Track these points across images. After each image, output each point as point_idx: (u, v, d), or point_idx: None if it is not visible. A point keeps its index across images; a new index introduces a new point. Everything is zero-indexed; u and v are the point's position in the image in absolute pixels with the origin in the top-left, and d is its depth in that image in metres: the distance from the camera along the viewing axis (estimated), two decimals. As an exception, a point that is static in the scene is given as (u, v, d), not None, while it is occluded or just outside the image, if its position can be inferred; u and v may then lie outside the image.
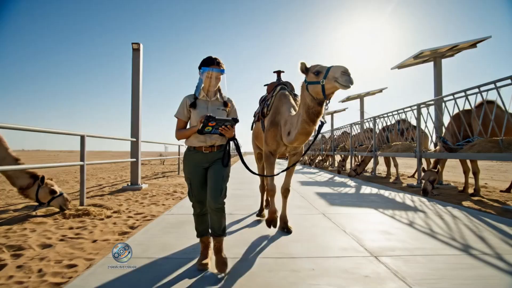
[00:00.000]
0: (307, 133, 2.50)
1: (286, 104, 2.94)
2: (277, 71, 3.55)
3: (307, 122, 2.41)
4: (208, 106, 2.15)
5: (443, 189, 6.68)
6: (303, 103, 2.43)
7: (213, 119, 1.91)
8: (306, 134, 2.52)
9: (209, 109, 2.13)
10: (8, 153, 3.61)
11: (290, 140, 2.66)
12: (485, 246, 2.60)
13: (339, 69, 2.13)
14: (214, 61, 2.09)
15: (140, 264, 2.18)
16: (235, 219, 3.60)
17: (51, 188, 3.73)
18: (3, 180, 5.80)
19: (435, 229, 3.17)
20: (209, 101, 2.17)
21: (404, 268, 2.10)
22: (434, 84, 7.16)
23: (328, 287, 1.84)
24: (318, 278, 1.96)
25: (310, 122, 2.40)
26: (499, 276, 2.01)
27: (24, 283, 1.97)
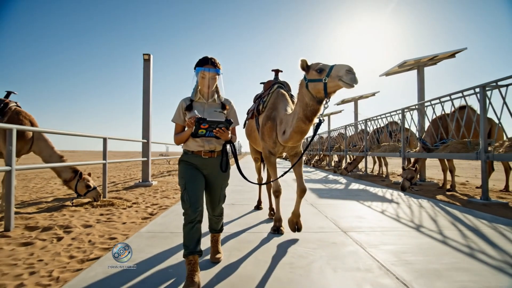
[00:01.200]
0: (302, 131, 2.43)
1: (283, 102, 2.90)
2: (275, 70, 3.49)
3: (303, 120, 2.36)
4: (204, 108, 2.05)
5: (425, 185, 7.37)
6: (301, 101, 2.37)
7: (205, 121, 1.79)
8: (301, 133, 2.45)
9: (206, 112, 2.02)
10: (54, 151, 4.33)
11: (285, 139, 2.61)
12: (434, 226, 3.29)
13: (343, 67, 2.06)
14: (209, 60, 1.97)
15: (163, 236, 2.88)
16: (236, 209, 4.31)
17: (87, 182, 4.44)
18: (30, 177, 6.52)
19: (401, 215, 3.87)
20: (205, 103, 2.06)
21: (364, 239, 2.80)
22: (418, 90, 7.86)
23: (305, 249, 2.53)
24: (300, 244, 2.67)
25: (306, 121, 2.35)
26: (432, 243, 2.70)
27: (81, 248, 2.67)
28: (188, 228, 1.85)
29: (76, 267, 2.24)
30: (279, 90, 3.06)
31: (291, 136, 2.51)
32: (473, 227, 3.25)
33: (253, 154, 3.97)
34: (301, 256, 2.36)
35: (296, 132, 2.46)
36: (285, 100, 2.93)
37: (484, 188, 4.84)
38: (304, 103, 2.33)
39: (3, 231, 3.14)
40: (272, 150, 2.91)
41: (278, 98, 2.96)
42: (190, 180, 1.92)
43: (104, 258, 2.31)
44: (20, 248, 2.66)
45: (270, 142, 2.87)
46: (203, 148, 1.99)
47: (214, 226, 2.25)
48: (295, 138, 2.52)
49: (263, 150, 3.04)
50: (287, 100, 2.95)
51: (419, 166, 6.43)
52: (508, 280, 1.96)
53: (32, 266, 2.26)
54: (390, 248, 2.54)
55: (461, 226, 3.28)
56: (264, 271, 2.08)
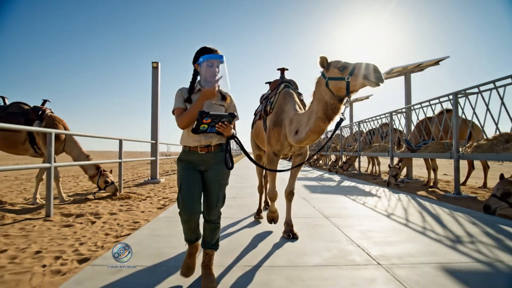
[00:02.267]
0: (320, 131, 2.35)
1: (291, 102, 2.82)
2: (281, 69, 3.40)
3: (322, 119, 2.26)
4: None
5: (412, 183, 8.01)
6: (320, 99, 2.27)
7: (208, 115, 1.69)
8: (319, 133, 2.36)
9: (205, 104, 1.90)
10: (82, 151, 5.00)
11: (299, 139, 2.50)
12: (402, 214, 3.93)
13: (369, 66, 2.01)
14: (213, 49, 1.89)
15: (177, 220, 3.52)
16: (239, 199, 4.96)
17: (106, 178, 5.10)
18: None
19: (378, 206, 4.51)
20: None
21: (341, 223, 3.44)
22: (405, 95, 8.49)
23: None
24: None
25: (326, 120, 2.26)
26: (395, 225, 3.34)
27: (113, 228, 3.33)
28: (185, 227, 1.92)
29: (113, 241, 2.89)
30: (286, 89, 2.97)
31: (307, 136, 2.40)
32: (435, 214, 3.89)
33: (255, 151, 3.85)
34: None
35: (313, 132, 2.35)
36: (292, 100, 2.84)
37: (456, 183, 5.48)
38: (323, 101, 2.24)
39: (45, 217, 3.80)
40: (277, 152, 2.87)
41: (286, 98, 2.88)
42: (185, 181, 1.85)
43: (133, 235, 2.97)
44: (64, 229, 3.32)
45: (276, 146, 2.82)
46: (199, 143, 1.87)
47: (207, 238, 1.92)
48: (311, 138, 2.43)
49: (267, 151, 2.96)
50: (295, 99, 2.87)
51: (403, 165, 7.07)
52: (443, 247, 2.60)
53: (79, 240, 2.91)
54: (360, 228, 3.18)
55: (425, 214, 3.92)
56: (259, 241, 2.73)
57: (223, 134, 1.86)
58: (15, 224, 3.50)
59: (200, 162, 1.90)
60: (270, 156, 2.91)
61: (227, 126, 1.80)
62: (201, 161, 1.90)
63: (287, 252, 2.48)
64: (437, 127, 6.64)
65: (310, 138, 2.43)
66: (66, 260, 2.39)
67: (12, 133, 4.62)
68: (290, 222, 2.90)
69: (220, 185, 1.90)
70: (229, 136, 1.89)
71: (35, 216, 3.91)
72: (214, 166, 1.91)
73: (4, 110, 4.76)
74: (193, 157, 1.90)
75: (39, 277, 2.07)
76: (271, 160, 2.90)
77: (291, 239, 2.80)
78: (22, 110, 4.81)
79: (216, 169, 1.90)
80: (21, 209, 4.35)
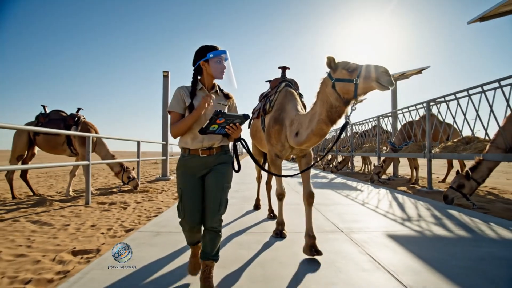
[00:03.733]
0: (322, 134, 2.24)
1: (292, 101, 2.70)
2: (282, 67, 3.33)
3: (325, 122, 2.15)
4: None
5: (397, 180, 8.86)
6: (324, 101, 2.15)
7: (224, 115, 1.59)
8: (321, 136, 2.26)
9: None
10: (109, 151, 5.90)
11: (299, 142, 2.40)
12: (375, 203, 4.80)
13: (379, 68, 1.91)
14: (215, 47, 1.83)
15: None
16: (241, 191, 5.84)
17: (129, 174, 6.01)
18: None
19: (358, 197, 5.38)
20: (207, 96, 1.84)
21: (323, 208, 4.31)
22: (392, 100, 9.35)
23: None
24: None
25: (329, 123, 2.15)
26: (364, 210, 4.22)
27: (142, 212, 4.21)
28: (187, 234, 1.88)
29: (145, 220, 3.77)
30: (288, 88, 2.86)
31: (308, 138, 2.30)
32: (401, 203, 4.76)
33: (253, 151, 3.82)
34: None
35: (315, 135, 2.25)
36: (294, 100, 2.73)
37: (429, 179, 6.34)
38: (328, 104, 2.12)
39: (85, 204, 4.70)
40: (279, 153, 2.71)
41: (287, 97, 2.76)
42: (186, 193, 1.77)
43: (161, 215, 3.85)
44: (104, 212, 4.22)
45: (277, 146, 2.68)
46: (201, 145, 1.78)
47: (207, 248, 1.76)
48: (312, 141, 2.31)
49: (268, 153, 2.83)
50: (296, 99, 2.75)
51: (386, 164, 7.93)
52: (394, 223, 3.46)
53: (120, 219, 3.81)
54: (337, 212, 4.06)
55: (393, 203, 4.79)
56: (254, 222, 3.61)
57: (229, 136, 1.79)
58: (65, 209, 4.41)
59: (201, 166, 1.80)
60: (272, 159, 2.77)
61: (238, 128, 1.72)
62: (202, 165, 1.80)
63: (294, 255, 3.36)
64: (419, 130, 7.50)
65: (311, 141, 2.33)
66: (116, 230, 3.28)
67: (54, 137, 5.53)
68: (312, 233, 2.46)
69: (223, 189, 1.77)
70: (236, 138, 1.81)
71: (76, 204, 4.82)
72: (217, 168, 1.80)
73: (46, 117, 5.67)
74: (193, 163, 1.79)
75: (102, 239, 2.97)
76: (273, 162, 2.77)
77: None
78: (61, 117, 5.72)
79: (219, 171, 1.79)
80: (60, 200, 5.25)
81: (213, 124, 1.63)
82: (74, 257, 2.47)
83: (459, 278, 2.00)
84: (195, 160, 1.79)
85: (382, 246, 2.64)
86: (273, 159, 2.78)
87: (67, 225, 3.45)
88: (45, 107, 5.86)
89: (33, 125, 5.60)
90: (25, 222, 3.61)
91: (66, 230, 3.29)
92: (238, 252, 2.51)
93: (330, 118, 2.13)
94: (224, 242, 2.76)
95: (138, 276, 2.01)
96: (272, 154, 2.78)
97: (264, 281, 1.97)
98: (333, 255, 2.43)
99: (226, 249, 2.58)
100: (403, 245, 2.67)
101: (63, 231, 3.22)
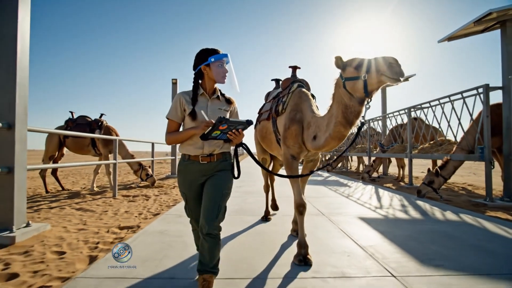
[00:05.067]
0: (341, 137, 2.15)
1: (307, 102, 2.61)
2: (293, 67, 3.25)
3: (343, 124, 2.07)
4: (207, 105, 1.83)
5: (386, 178, 9.68)
6: (339, 102, 2.09)
7: (227, 121, 1.56)
8: (340, 139, 2.16)
9: (209, 109, 1.81)
10: (128, 152, 6.76)
11: (318, 146, 2.31)
12: (359, 196, 5.64)
13: (385, 60, 1.80)
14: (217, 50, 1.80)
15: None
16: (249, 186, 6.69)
17: (147, 172, 6.88)
18: (85, 172, 9.04)
19: (345, 192, 6.22)
20: (208, 100, 1.84)
21: (313, 200, 5.14)
22: (381, 105, 10.19)
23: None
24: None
25: (347, 125, 2.06)
26: (345, 200, 5.06)
27: (162, 202, 5.07)
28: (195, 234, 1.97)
29: (166, 209, 4.61)
30: (301, 89, 2.75)
31: (326, 142, 2.21)
32: (381, 196, 5.60)
33: (260, 155, 3.66)
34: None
35: (334, 138, 2.16)
36: (309, 100, 2.63)
37: (410, 177, 7.17)
38: (343, 104, 2.05)
39: (112, 196, 5.57)
40: (296, 155, 2.56)
41: (302, 98, 2.65)
42: (189, 196, 1.85)
43: (179, 204, 4.70)
44: (130, 202, 5.08)
45: (295, 147, 2.52)
46: (202, 151, 1.77)
47: (206, 259, 1.69)
48: (331, 145, 2.21)
49: (284, 155, 2.63)
50: (311, 100, 2.66)
51: (376, 163, 8.78)
52: (367, 210, 4.29)
53: (146, 207, 4.66)
54: (323, 202, 4.90)
55: (373, 196, 5.63)
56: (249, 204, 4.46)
57: (231, 142, 1.76)
58: (97, 200, 5.28)
59: (200, 173, 1.79)
60: (288, 160, 2.57)
61: (240, 134, 1.71)
62: (201, 171, 1.79)
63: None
64: (402, 133, 8.33)
65: (330, 145, 2.22)
66: (146, 215, 4.13)
67: (81, 139, 6.40)
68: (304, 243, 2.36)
69: (222, 196, 1.75)
70: (238, 143, 1.79)
71: (104, 196, 5.69)
72: (217, 174, 1.80)
73: (74, 122, 6.55)
74: (193, 168, 1.79)
75: (137, 220, 3.82)
76: (290, 164, 2.56)
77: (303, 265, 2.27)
78: (87, 122, 6.60)
79: (219, 177, 1.78)
80: (88, 194, 6.12)
81: (215, 130, 1.62)
82: (121, 230, 3.32)
83: (397, 240, 2.85)
84: (194, 166, 1.78)
85: (352, 224, 3.49)
86: (289, 161, 2.56)
87: (105, 211, 4.31)
88: (72, 113, 6.73)
89: (62, 129, 6.47)
90: (70, 209, 4.48)
91: (106, 214, 4.15)
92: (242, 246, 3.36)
93: (347, 119, 2.04)
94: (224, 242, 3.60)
95: (171, 240, 2.86)
96: (288, 156, 2.58)
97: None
98: (314, 229, 3.27)
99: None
100: (368, 223, 3.52)
101: (105, 215, 4.08)
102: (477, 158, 4.95)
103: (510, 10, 4.73)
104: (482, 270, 2.17)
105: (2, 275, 2.12)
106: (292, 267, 2.26)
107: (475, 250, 2.61)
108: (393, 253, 2.54)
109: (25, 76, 3.07)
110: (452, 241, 2.85)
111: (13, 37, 2.96)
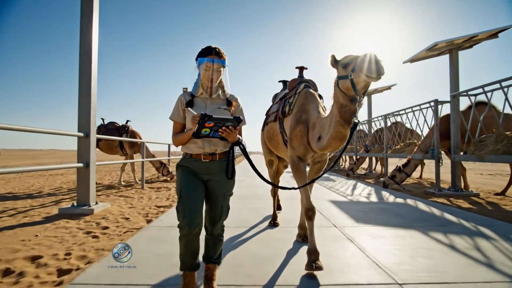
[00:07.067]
0: (341, 137, 2.07)
1: (314, 103, 2.58)
2: (300, 67, 3.26)
3: (341, 124, 2.01)
4: (206, 105, 1.83)
5: (370, 175, 10.98)
6: (336, 101, 2.04)
7: (210, 118, 1.58)
8: (341, 139, 2.08)
9: (208, 109, 1.80)
10: (150, 152, 8.14)
11: (322, 147, 2.25)
12: (340, 188, 6.97)
13: (366, 57, 1.75)
14: (213, 50, 1.75)
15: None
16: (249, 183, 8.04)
17: (168, 169, 8.26)
18: (109, 170, 10.38)
19: (329, 185, 7.55)
20: (208, 99, 1.83)
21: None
22: (368, 108, 11.51)
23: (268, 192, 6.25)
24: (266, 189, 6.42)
25: (345, 124, 1.99)
26: (328, 192, 6.40)
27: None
28: (184, 242, 1.69)
29: (186, 196, 5.99)
30: (308, 89, 2.75)
31: (329, 143, 2.17)
32: (355, 187, 6.94)
33: (267, 156, 3.62)
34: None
35: (335, 139, 2.11)
36: (315, 101, 2.62)
37: (386, 173, 8.49)
38: (339, 104, 2.01)
39: (141, 188, 6.96)
40: (302, 156, 2.54)
41: (308, 98, 2.65)
42: (186, 189, 1.69)
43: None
44: (157, 192, 6.46)
45: (300, 149, 2.51)
46: (203, 150, 1.76)
47: (210, 252, 1.83)
48: (334, 145, 2.17)
49: (290, 156, 2.62)
50: (318, 101, 2.64)
51: (359, 162, 10.12)
52: (342, 197, 5.63)
53: (170, 196, 6.03)
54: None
55: (350, 187, 6.97)
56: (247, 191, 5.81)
57: (227, 140, 1.74)
58: (129, 190, 6.67)
59: (203, 170, 1.78)
60: (294, 162, 2.56)
61: (232, 131, 1.68)
62: (204, 169, 1.78)
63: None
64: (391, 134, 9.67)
65: (332, 146, 2.18)
66: (173, 200, 5.50)
67: (111, 142, 7.80)
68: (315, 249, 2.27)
69: (225, 196, 1.81)
70: (233, 142, 1.76)
71: (134, 188, 7.07)
72: (218, 176, 1.79)
73: (105, 127, 7.95)
74: (195, 165, 1.78)
75: (167, 202, 5.18)
76: (296, 166, 2.55)
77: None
78: (115, 127, 8.00)
79: (220, 179, 1.79)
80: (118, 186, 7.50)
81: (203, 128, 1.62)
82: (158, 208, 4.69)
83: (348, 212, 4.20)
84: (197, 163, 1.77)
85: (324, 205, 4.84)
86: (295, 163, 2.55)
87: (141, 198, 5.70)
88: (103, 119, 8.14)
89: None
90: (114, 196, 5.87)
91: (143, 199, 5.53)
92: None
93: (344, 118, 1.99)
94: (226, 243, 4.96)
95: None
96: (294, 158, 2.56)
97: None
98: (293, 210, 4.63)
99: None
100: (335, 204, 4.87)
101: (141, 200, 5.46)
102: (429, 157, 6.28)
103: (454, 41, 6.05)
104: (399, 224, 3.52)
105: (99, 227, 3.50)
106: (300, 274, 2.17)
107: (398, 216, 3.96)
108: (342, 218, 3.89)
109: (95, 102, 4.46)
110: (386, 212, 4.21)
111: (89, 74, 4.35)
